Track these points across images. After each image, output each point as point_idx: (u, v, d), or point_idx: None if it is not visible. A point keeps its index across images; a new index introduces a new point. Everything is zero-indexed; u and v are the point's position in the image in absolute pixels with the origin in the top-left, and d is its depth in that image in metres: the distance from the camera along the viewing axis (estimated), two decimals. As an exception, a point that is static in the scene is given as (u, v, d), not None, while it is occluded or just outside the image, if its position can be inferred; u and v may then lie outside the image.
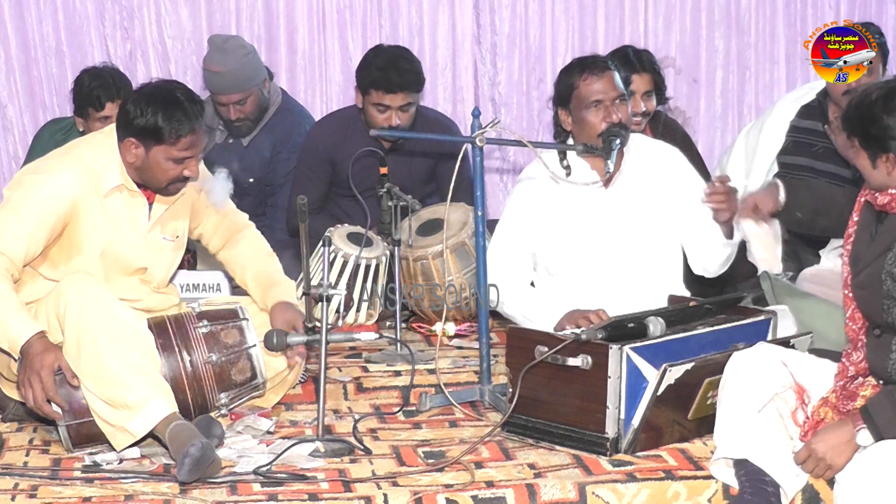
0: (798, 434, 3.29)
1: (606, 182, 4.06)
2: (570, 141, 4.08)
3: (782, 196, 4.15)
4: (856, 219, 3.34)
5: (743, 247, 4.75)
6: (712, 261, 4.11)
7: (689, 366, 3.49)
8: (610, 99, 3.98)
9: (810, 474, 3.23)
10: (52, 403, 3.53)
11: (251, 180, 5.36)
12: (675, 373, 3.47)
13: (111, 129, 3.80)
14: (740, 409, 3.29)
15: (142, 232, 3.82)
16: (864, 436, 3.14)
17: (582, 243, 4.06)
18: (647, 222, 4.09)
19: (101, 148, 3.77)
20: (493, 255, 4.08)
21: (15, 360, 3.60)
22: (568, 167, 4.06)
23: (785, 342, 3.60)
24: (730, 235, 4.01)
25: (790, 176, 4.96)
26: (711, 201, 3.89)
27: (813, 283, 4.43)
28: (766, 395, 3.28)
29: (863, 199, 3.34)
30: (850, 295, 3.30)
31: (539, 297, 4.03)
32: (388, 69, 4.95)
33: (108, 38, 5.83)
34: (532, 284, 4.14)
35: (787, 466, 3.25)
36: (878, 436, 3.12)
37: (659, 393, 3.45)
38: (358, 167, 4.86)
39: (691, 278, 4.24)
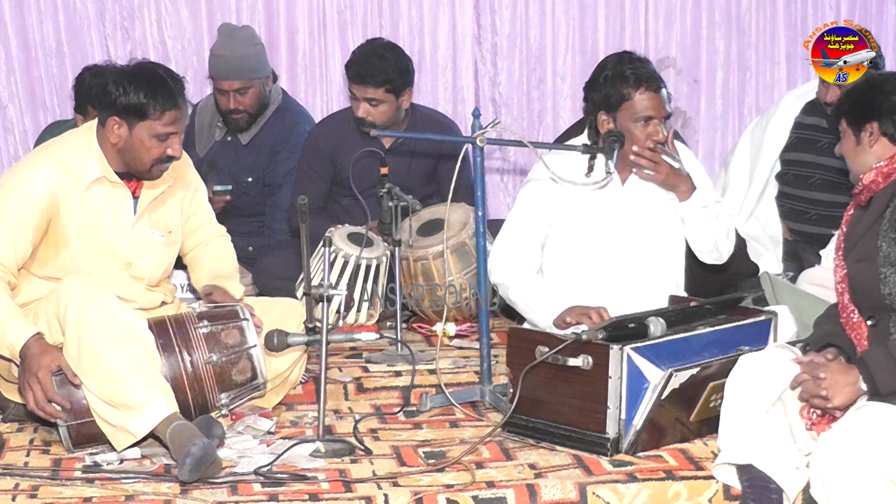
0: (803, 431, 3.27)
1: (623, 180, 4.06)
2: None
3: None
4: (845, 230, 3.36)
5: (743, 245, 4.76)
6: (700, 241, 4.09)
7: (694, 370, 3.49)
8: (661, 117, 3.99)
9: (802, 393, 3.20)
10: (53, 404, 3.53)
11: (250, 179, 5.35)
12: (681, 377, 3.47)
13: (89, 125, 3.82)
14: (745, 412, 3.27)
15: (126, 225, 3.81)
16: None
17: (588, 241, 4.06)
18: (655, 224, 4.08)
19: (77, 143, 3.78)
20: (501, 241, 4.09)
21: (16, 364, 3.60)
22: (593, 167, 4.02)
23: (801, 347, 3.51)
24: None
25: (793, 173, 4.96)
26: (641, 163, 3.96)
27: (813, 283, 4.42)
28: (774, 395, 3.25)
29: (850, 213, 3.36)
30: (843, 286, 3.31)
31: (543, 288, 4.02)
32: (358, 60, 4.98)
33: (108, 38, 5.82)
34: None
35: (790, 470, 3.23)
36: (871, 380, 3.11)
37: (663, 397, 3.45)
38: (358, 167, 4.86)
39: (693, 276, 4.24)
